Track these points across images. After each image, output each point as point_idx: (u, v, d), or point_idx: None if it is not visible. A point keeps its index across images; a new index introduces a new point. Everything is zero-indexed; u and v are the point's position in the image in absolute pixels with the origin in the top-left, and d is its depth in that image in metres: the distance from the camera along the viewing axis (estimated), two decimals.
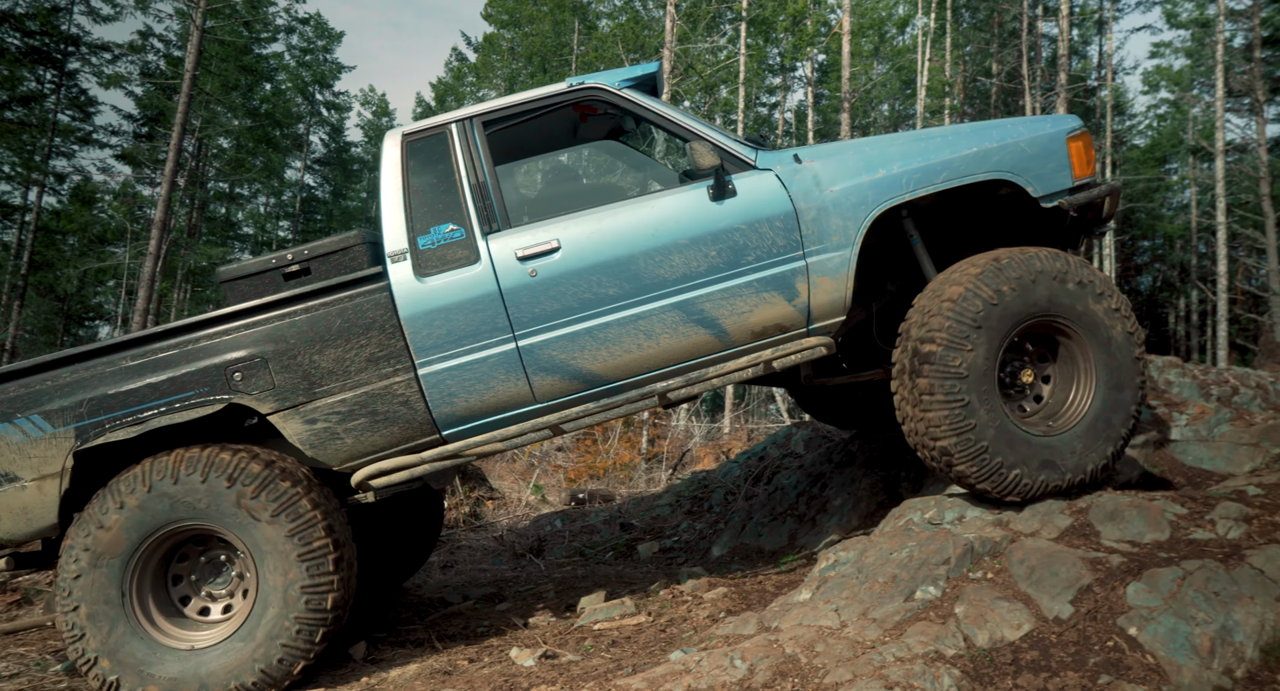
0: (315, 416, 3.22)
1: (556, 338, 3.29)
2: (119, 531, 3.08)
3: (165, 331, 3.22)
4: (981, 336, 3.20)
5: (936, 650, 2.60)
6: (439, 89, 31.23)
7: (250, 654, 3.05)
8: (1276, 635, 2.50)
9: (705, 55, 19.56)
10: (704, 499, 6.22)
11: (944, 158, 3.46)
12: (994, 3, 22.05)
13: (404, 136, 3.46)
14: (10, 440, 3.12)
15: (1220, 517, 3.31)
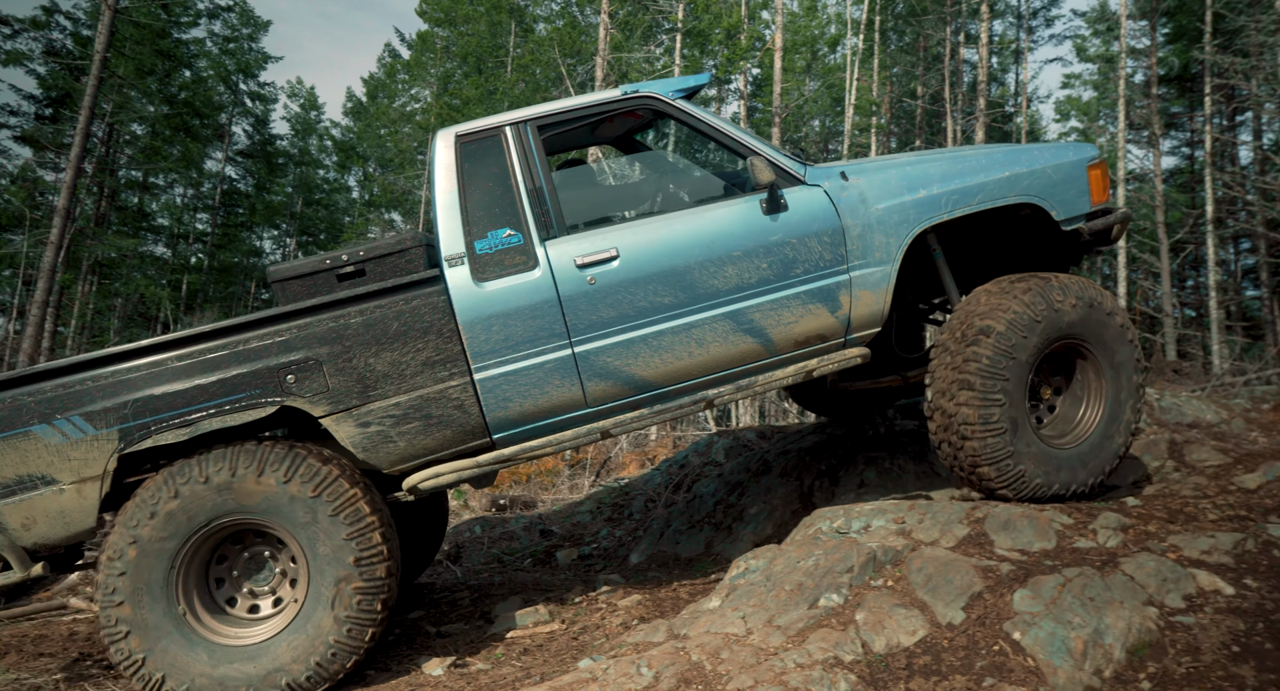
0: (369, 420, 3.17)
1: (612, 344, 3.34)
2: (170, 524, 2.97)
3: (215, 331, 3.11)
4: (1020, 355, 3.43)
5: (836, 656, 2.69)
6: (370, 85, 30.59)
7: (302, 650, 3.00)
8: (1142, 637, 2.68)
9: (642, 64, 19.71)
10: (625, 506, 6.26)
11: (979, 181, 3.63)
12: (919, 28, 22.91)
13: (458, 137, 3.41)
14: (49, 442, 2.98)
15: (1101, 527, 3.52)
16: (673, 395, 3.48)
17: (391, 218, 30.43)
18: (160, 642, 2.97)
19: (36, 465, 2.98)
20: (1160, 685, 2.51)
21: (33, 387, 2.99)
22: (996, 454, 3.44)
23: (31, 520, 3.00)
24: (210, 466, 3.00)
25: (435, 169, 3.38)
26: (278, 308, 3.16)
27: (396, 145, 24.77)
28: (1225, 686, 2.44)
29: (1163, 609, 2.84)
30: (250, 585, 3.22)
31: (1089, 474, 3.65)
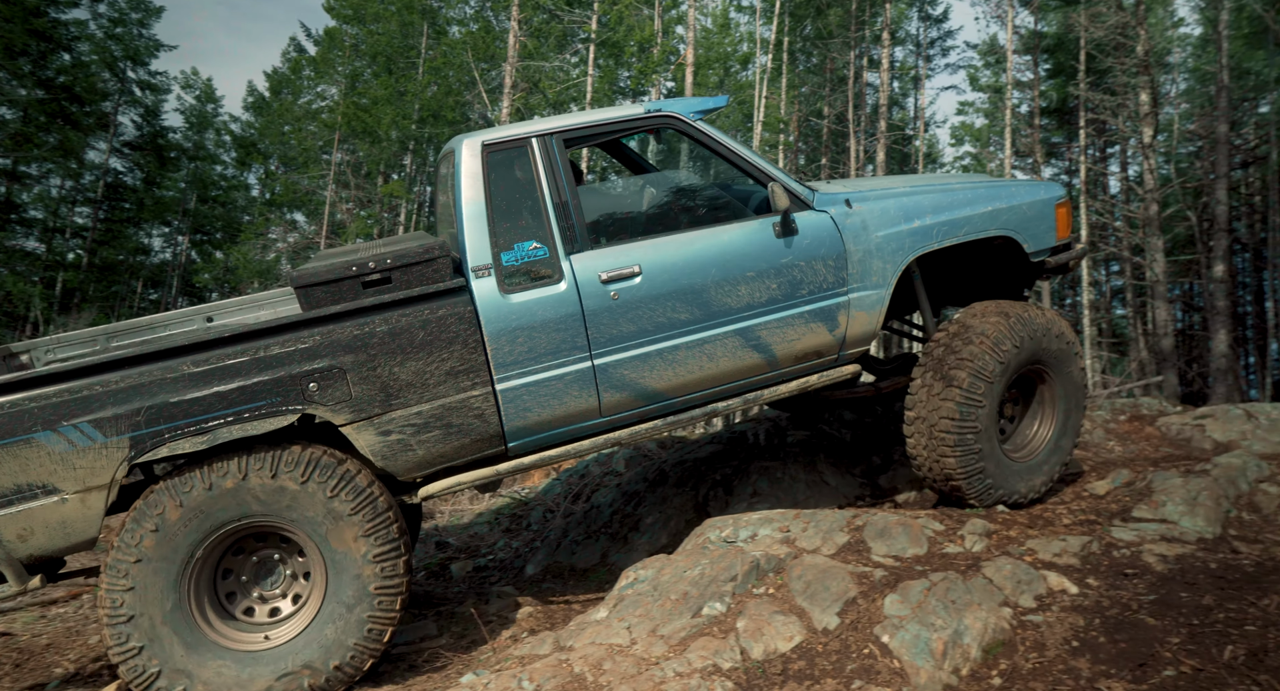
0: (390, 428, 3.15)
1: (630, 358, 3.43)
2: (181, 529, 2.88)
3: (234, 336, 2.98)
4: (997, 379, 3.75)
5: (715, 664, 2.76)
6: (274, 80, 29.44)
7: (321, 653, 2.98)
8: (996, 636, 2.87)
9: (556, 72, 19.71)
10: (523, 517, 6.22)
11: (966, 214, 3.93)
12: (826, 50, 23.78)
13: (484, 146, 3.38)
14: (53, 450, 2.81)
15: (969, 533, 3.74)
16: (681, 406, 3.63)
17: (294, 218, 29.33)
18: (174, 653, 2.87)
19: (38, 474, 2.82)
20: (1009, 680, 2.69)
21: (37, 392, 2.80)
22: (970, 468, 3.77)
23: (29, 531, 2.84)
24: (221, 470, 2.93)
25: (460, 177, 3.34)
26: (302, 313, 3.07)
27: (301, 143, 23.91)
28: (1064, 679, 2.64)
29: (1016, 609, 3.04)
30: (260, 590, 3.15)
31: (1041, 484, 4.04)
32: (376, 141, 20.96)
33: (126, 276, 29.89)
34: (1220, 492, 3.97)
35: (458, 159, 3.38)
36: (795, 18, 22.97)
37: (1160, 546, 3.57)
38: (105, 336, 3.91)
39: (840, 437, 5.56)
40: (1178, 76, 25.40)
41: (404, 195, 20.75)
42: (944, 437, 3.74)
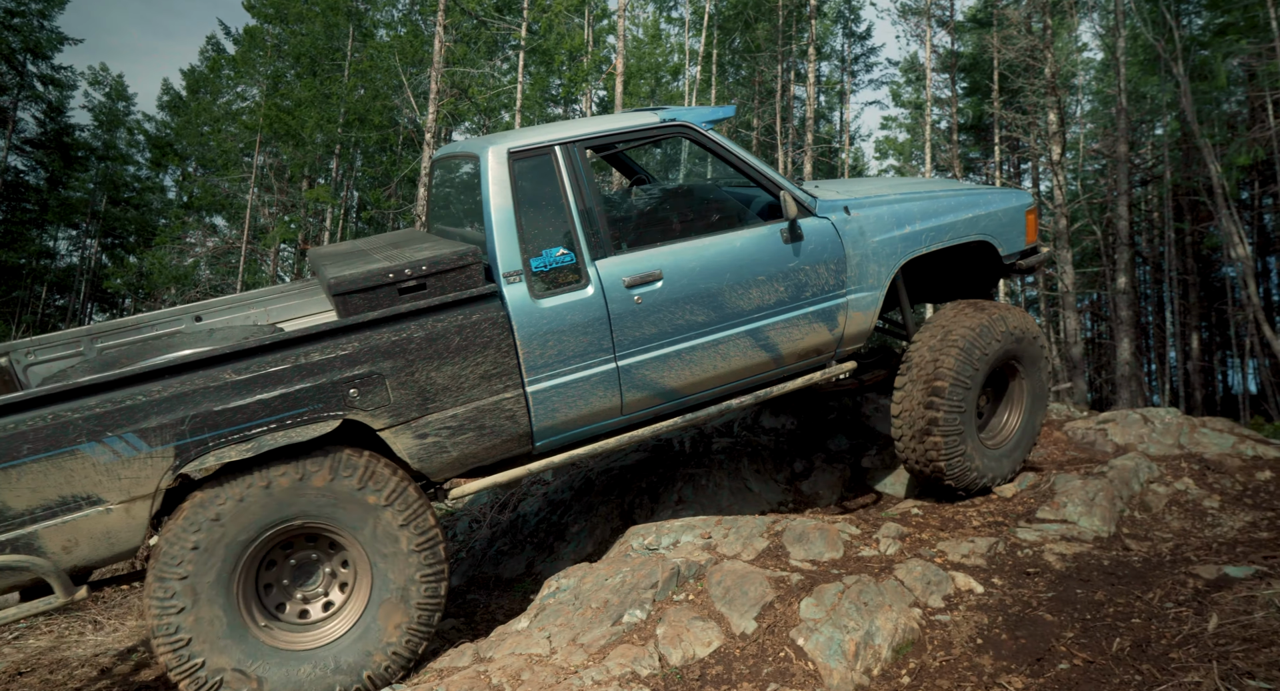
0: (426, 431, 3.20)
1: (651, 358, 3.56)
2: (232, 529, 2.89)
3: (274, 344, 2.97)
4: (979, 372, 4.07)
5: (633, 671, 2.77)
6: (191, 78, 28.35)
7: (378, 643, 3.08)
8: (906, 636, 2.96)
9: (486, 79, 19.55)
10: (449, 527, 6.12)
11: (950, 220, 4.23)
12: (754, 64, 24.25)
13: (510, 153, 3.41)
14: (97, 461, 2.76)
15: (883, 536, 3.86)
16: (694, 403, 3.81)
17: (214, 222, 28.23)
18: (223, 648, 2.89)
19: (82, 485, 2.77)
20: (918, 679, 2.78)
21: (79, 402, 2.74)
22: (952, 453, 4.09)
23: (74, 542, 2.80)
24: (272, 473, 2.95)
25: (487, 184, 3.36)
26: (341, 320, 3.05)
27: (220, 145, 23.04)
28: (969, 675, 2.74)
29: (925, 609, 3.14)
30: (300, 591, 3.18)
31: (1009, 468, 4.41)
32: (300, 144, 20.38)
33: (29, 281, 28.24)
34: (1115, 493, 4.20)
35: (483, 166, 3.40)
36: (724, 31, 23.37)
37: (1060, 546, 3.75)
38: (88, 338, 3.81)
39: (764, 445, 5.66)
40: (1083, 98, 26.83)
41: (329, 200, 20.21)
42: (930, 436, 4.05)
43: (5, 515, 2.69)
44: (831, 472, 5.36)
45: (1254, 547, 3.34)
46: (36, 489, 2.71)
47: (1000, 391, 4.46)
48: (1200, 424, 5.46)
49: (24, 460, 2.68)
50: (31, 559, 2.72)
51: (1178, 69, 14.52)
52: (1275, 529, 3.65)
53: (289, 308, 4.26)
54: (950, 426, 4.03)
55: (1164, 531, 3.89)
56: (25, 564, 2.72)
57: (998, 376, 4.39)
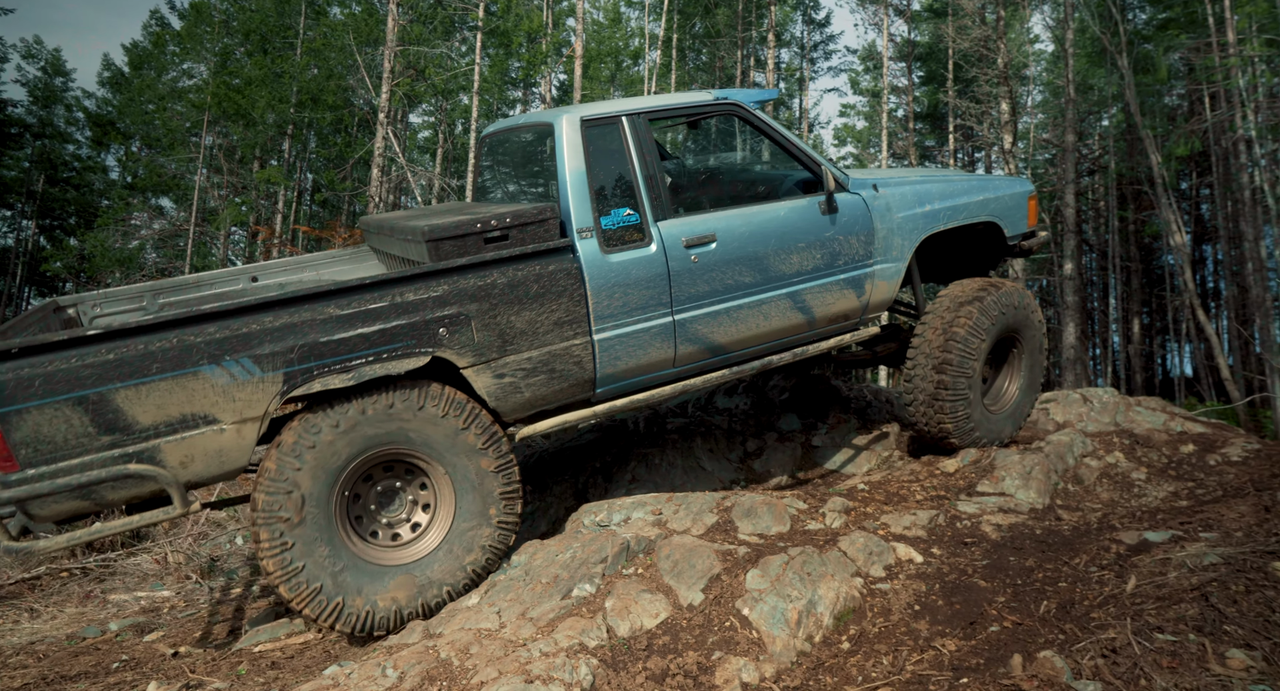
0: (504, 371, 3.45)
1: (703, 314, 3.84)
2: (335, 449, 3.12)
3: (375, 283, 3.22)
4: (984, 343, 4.42)
5: (581, 642, 2.82)
6: (134, 54, 27.38)
7: (459, 560, 3.35)
8: (847, 604, 3.06)
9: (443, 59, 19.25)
10: None
11: (964, 201, 4.59)
12: (715, 49, 24.26)
13: (583, 120, 3.68)
14: (216, 382, 2.97)
15: (829, 510, 3.96)
16: (737, 360, 4.09)
17: (160, 204, 27.40)
18: (330, 570, 3.11)
19: (201, 404, 2.97)
20: (857, 644, 2.88)
21: (201, 328, 2.96)
22: (958, 416, 4.43)
23: (190, 458, 3.00)
24: (369, 402, 3.18)
25: (562, 148, 3.65)
26: (434, 264, 3.31)
27: (166, 124, 22.32)
28: (906, 640, 2.85)
29: (867, 578, 3.25)
30: (384, 516, 3.41)
31: (1010, 431, 4.77)
32: (251, 124, 19.86)
33: None
34: (1050, 467, 4.36)
35: (559, 132, 3.67)
36: (684, 15, 23.32)
37: (997, 517, 3.89)
38: (151, 293, 4.06)
39: (717, 425, 5.74)
40: (1034, 89, 27.39)
41: (282, 181, 19.76)
42: (940, 399, 4.40)
43: (133, 429, 2.88)
44: (783, 451, 5.47)
45: (1173, 515, 3.51)
46: (162, 406, 2.90)
47: (1001, 362, 4.81)
48: (1135, 403, 5.69)
49: (153, 378, 2.88)
50: (158, 470, 2.91)
51: (1123, 62, 14.92)
52: (1193, 497, 3.84)
53: (342, 271, 4.53)
54: (958, 392, 4.37)
55: (1094, 502, 4.06)
56: (154, 474, 2.90)
57: (999, 348, 4.73)
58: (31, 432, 2.75)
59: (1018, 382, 4.79)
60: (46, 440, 2.77)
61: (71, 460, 2.81)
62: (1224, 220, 19.33)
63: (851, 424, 5.67)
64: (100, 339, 2.83)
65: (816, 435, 5.63)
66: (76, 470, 2.81)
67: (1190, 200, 25.49)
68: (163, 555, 5.30)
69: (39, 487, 2.75)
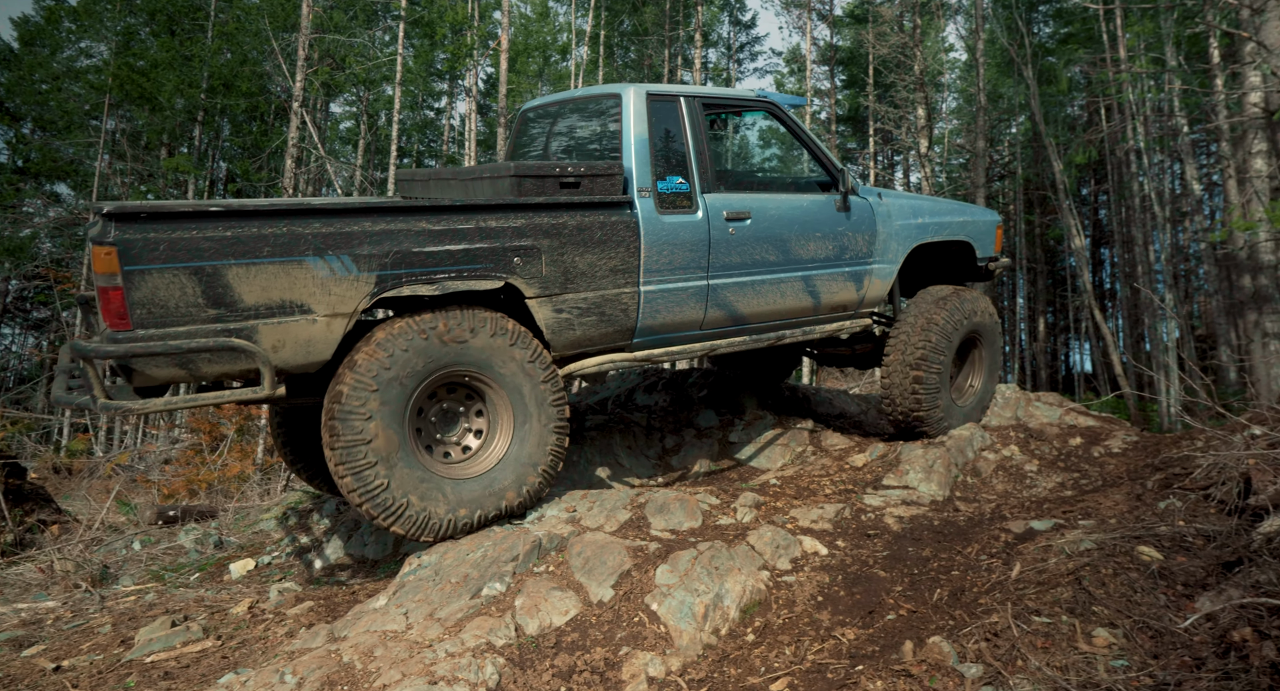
0: (563, 307, 3.72)
1: (732, 283, 4.20)
2: (414, 364, 3.29)
3: (465, 206, 3.45)
4: (952, 343, 4.89)
5: (488, 641, 2.81)
6: (24, 29, 25.67)
7: (519, 475, 3.61)
8: (753, 596, 3.13)
9: (365, 49, 18.73)
10: (316, 510, 5.93)
11: (949, 220, 5.18)
12: (643, 47, 24.33)
13: (649, 95, 4.05)
14: (316, 274, 3.13)
15: (741, 505, 4.04)
16: (753, 330, 4.46)
17: (56, 190, 25.80)
18: (406, 482, 3.29)
19: (300, 293, 3.11)
20: (762, 635, 2.95)
21: (308, 221, 3.12)
22: (931, 406, 4.84)
23: (282, 343, 3.12)
24: (451, 319, 3.39)
25: (628, 115, 3.99)
26: (517, 198, 3.60)
27: (61, 105, 21.02)
28: (808, 630, 2.94)
29: (774, 571, 3.33)
30: (442, 434, 3.61)
31: (974, 416, 5.23)
32: (158, 109, 18.90)
33: None
34: (951, 461, 4.56)
35: (625, 101, 4.03)
36: (613, 12, 23.31)
37: (900, 509, 4.05)
38: None
39: (636, 421, 5.78)
40: (949, 95, 28.45)
41: (191, 170, 18.88)
42: (915, 391, 4.82)
43: (237, 306, 3.01)
44: (700, 447, 5.55)
45: (1058, 504, 3.72)
46: (266, 288, 3.05)
47: (964, 359, 5.34)
48: (1035, 398, 5.98)
49: (262, 260, 3.03)
50: (257, 347, 3.02)
51: (1028, 73, 15.64)
52: (1077, 487, 4.07)
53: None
54: (930, 385, 4.82)
55: (990, 493, 4.26)
56: (254, 350, 3.01)
57: (964, 346, 5.24)
58: (149, 295, 2.87)
59: (980, 377, 5.32)
60: (160, 304, 2.89)
61: (179, 327, 2.92)
62: (1118, 225, 20.49)
63: (768, 420, 5.80)
64: (222, 215, 2.97)
65: (734, 431, 5.73)
66: (183, 337, 2.92)
67: (1090, 206, 26.94)
68: (48, 563, 5.01)
69: (151, 346, 2.85)
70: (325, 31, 13.40)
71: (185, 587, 4.71)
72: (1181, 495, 3.32)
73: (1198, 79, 11.47)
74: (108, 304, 2.84)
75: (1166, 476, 3.66)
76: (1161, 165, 15.42)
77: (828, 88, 24.40)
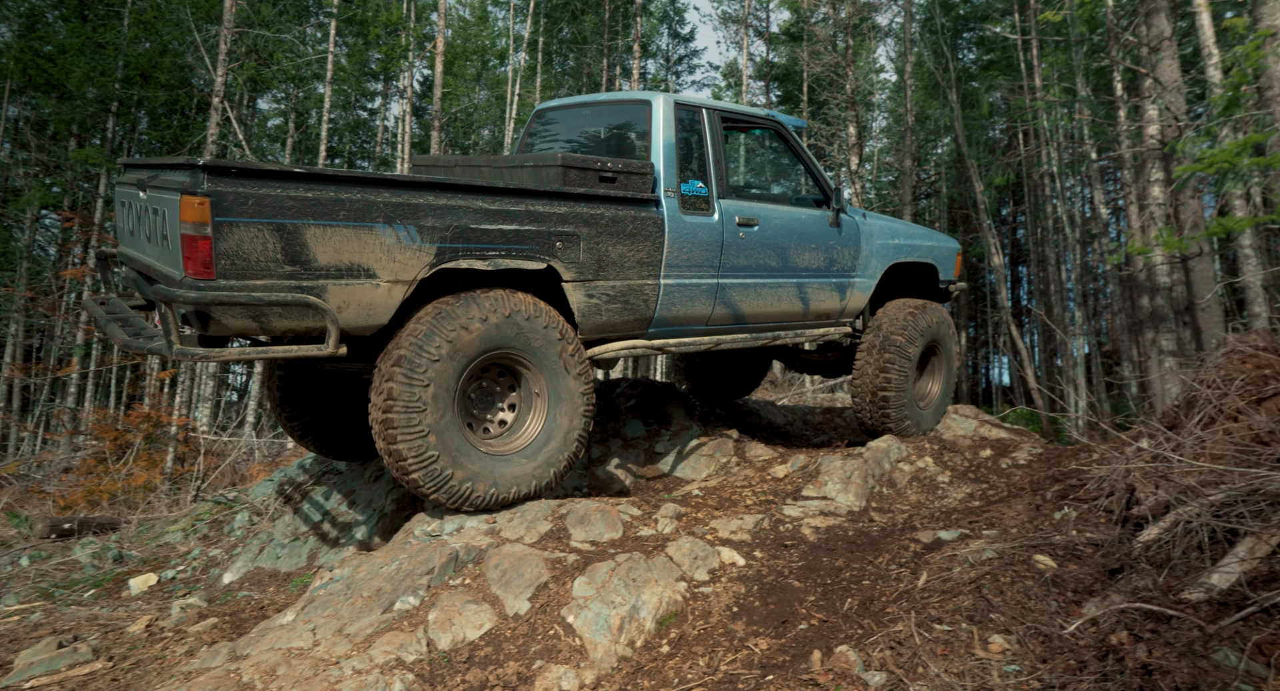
0: (593, 292, 3.97)
1: (737, 283, 4.54)
2: (473, 340, 3.49)
3: (517, 190, 3.67)
4: (914, 352, 5.27)
5: (398, 657, 2.74)
6: None
7: (551, 454, 3.83)
8: (670, 608, 3.15)
9: (295, 46, 18.22)
10: (225, 522, 5.71)
11: (920, 243, 5.68)
12: (581, 55, 24.36)
13: (676, 104, 4.36)
14: (384, 241, 3.28)
15: (662, 516, 4.06)
16: (751, 329, 4.81)
17: None
18: (456, 455, 3.50)
19: (368, 258, 3.26)
20: (677, 647, 2.97)
21: (380, 191, 3.28)
22: (900, 411, 5.24)
23: (346, 304, 3.25)
24: (511, 303, 3.61)
25: (656, 120, 4.29)
26: (562, 187, 3.85)
27: None
28: (722, 640, 2.96)
29: (691, 582, 3.35)
30: (479, 412, 3.81)
31: (932, 423, 5.62)
32: (67, 98, 17.96)
33: None
34: (868, 472, 4.67)
35: (655, 107, 4.33)
36: (552, 19, 23.27)
37: (817, 519, 4.13)
38: None
39: None
40: (879, 115, 29.35)
41: (103, 162, 17.97)
42: (882, 393, 5.21)
43: (311, 265, 3.13)
44: (626, 457, 5.55)
45: (966, 514, 3.85)
46: (339, 250, 3.19)
47: (925, 367, 5.73)
48: (953, 411, 6.19)
49: (338, 223, 3.18)
50: (327, 305, 3.14)
51: (952, 96, 16.26)
52: (985, 498, 4.23)
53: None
54: (896, 390, 5.20)
55: (903, 503, 4.38)
56: (325, 307, 3.13)
57: (924, 355, 5.61)
58: (234, 247, 2.97)
59: (939, 384, 5.75)
60: (243, 257, 2.99)
61: (257, 280, 3.03)
62: (1034, 245, 21.44)
63: (695, 431, 5.84)
64: (305, 177, 3.11)
65: (660, 441, 5.75)
66: (262, 289, 3.04)
67: (1009, 225, 28.11)
68: None
69: (235, 296, 2.96)
70: (251, 26, 12.99)
71: (78, 605, 4.46)
72: (1076, 505, 3.48)
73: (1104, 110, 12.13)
74: (193, 252, 2.92)
75: (1064, 488, 3.83)
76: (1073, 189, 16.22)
77: (763, 103, 24.86)
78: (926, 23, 21.40)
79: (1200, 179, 7.82)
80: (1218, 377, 3.19)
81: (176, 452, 9.21)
